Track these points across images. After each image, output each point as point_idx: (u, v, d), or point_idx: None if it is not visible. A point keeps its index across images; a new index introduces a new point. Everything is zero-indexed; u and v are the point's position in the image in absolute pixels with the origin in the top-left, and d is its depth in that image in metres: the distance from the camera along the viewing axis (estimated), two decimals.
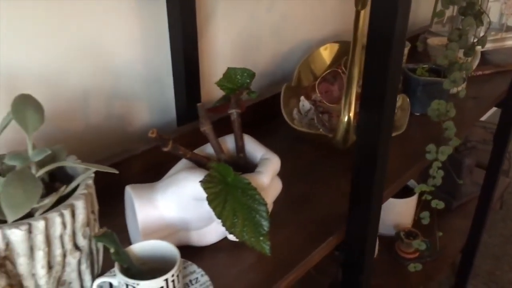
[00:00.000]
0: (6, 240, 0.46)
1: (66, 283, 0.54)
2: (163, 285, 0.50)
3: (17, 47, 0.67)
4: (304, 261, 0.65)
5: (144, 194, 0.60)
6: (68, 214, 0.50)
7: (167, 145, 0.58)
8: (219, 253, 0.65)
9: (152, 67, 0.87)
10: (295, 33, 1.18)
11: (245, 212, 0.56)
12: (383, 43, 0.55)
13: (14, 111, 0.47)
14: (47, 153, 0.47)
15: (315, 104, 0.95)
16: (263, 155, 0.65)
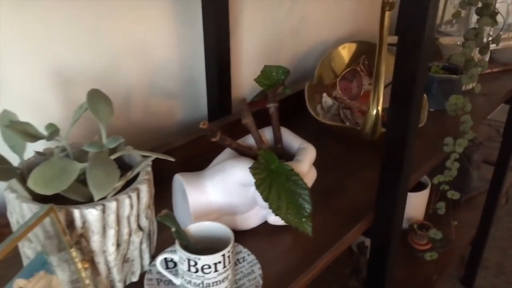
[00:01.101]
0: (83, 219, 0.52)
1: (130, 260, 0.59)
2: (220, 260, 0.55)
3: (70, 48, 0.72)
4: (338, 244, 0.71)
5: (193, 181, 0.65)
6: (135, 197, 0.55)
7: (216, 136, 0.64)
8: (259, 236, 0.70)
9: (187, 67, 0.92)
10: (313, 34, 1.24)
11: (288, 196, 0.61)
12: (414, 42, 0.61)
13: (90, 103, 0.53)
14: (120, 141, 0.53)
15: (337, 101, 1.00)
16: (300, 145, 0.70)
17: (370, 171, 0.87)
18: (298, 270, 0.64)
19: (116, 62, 0.79)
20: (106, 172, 0.49)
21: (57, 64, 0.71)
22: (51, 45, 0.70)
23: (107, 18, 0.75)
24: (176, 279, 0.58)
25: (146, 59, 0.84)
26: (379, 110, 0.78)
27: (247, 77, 1.07)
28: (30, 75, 0.68)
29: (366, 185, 0.83)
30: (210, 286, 0.56)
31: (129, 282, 0.60)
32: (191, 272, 0.55)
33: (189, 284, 0.56)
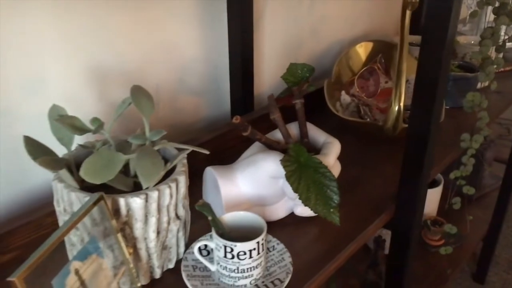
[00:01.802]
0: (128, 207, 0.55)
1: (167, 247, 0.62)
2: (255, 247, 0.58)
3: (106, 48, 0.75)
4: (361, 235, 0.73)
5: (225, 173, 0.69)
6: (174, 187, 0.58)
7: (247, 130, 0.67)
8: (286, 227, 0.73)
9: (211, 65, 0.95)
10: (330, 33, 1.27)
11: (317, 188, 0.64)
12: (438, 41, 0.63)
13: (133, 99, 0.56)
14: (162, 133, 0.56)
15: (355, 98, 1.03)
16: (325, 139, 0.73)
17: (390, 165, 0.90)
18: (325, 258, 0.67)
19: (147, 61, 0.83)
20: (153, 163, 0.52)
21: (93, 63, 0.75)
22: (89, 45, 0.73)
23: (139, 20, 0.79)
24: (212, 266, 0.62)
25: (174, 58, 0.88)
26: (401, 107, 0.81)
27: (268, 74, 1.10)
28: (69, 73, 0.72)
29: (386, 179, 0.86)
30: (245, 271, 0.59)
31: (165, 268, 0.64)
32: (227, 258, 0.58)
33: (224, 270, 0.60)
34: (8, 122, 0.67)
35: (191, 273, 0.62)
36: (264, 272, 0.62)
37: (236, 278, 0.59)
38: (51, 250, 0.44)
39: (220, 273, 0.60)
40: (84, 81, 0.74)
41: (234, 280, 0.60)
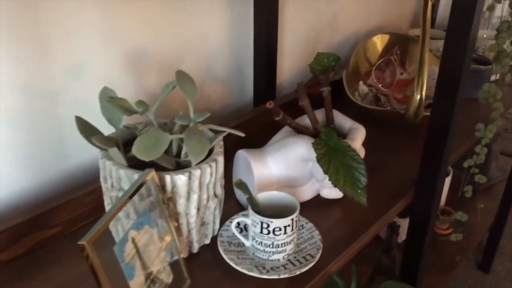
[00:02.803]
0: (173, 184, 0.59)
1: (205, 224, 0.66)
2: (289, 223, 0.62)
3: (143, 37, 0.79)
4: (383, 217, 0.77)
5: (257, 156, 0.72)
6: (214, 166, 0.62)
7: (279, 115, 0.70)
8: (312, 208, 0.77)
9: (235, 55, 0.99)
10: (347, 25, 1.30)
11: (346, 170, 0.68)
12: (463, 32, 0.67)
13: (178, 82, 0.60)
14: (206, 115, 0.59)
15: (373, 88, 1.07)
16: (351, 125, 0.77)
17: (408, 152, 0.94)
18: (351, 238, 0.71)
19: (178, 50, 0.86)
20: (199, 141, 0.56)
21: (130, 50, 0.78)
22: (126, 34, 0.76)
23: (171, 11, 0.82)
24: (246, 241, 0.65)
25: (203, 47, 0.91)
26: (423, 95, 0.84)
27: (287, 64, 1.14)
28: (108, 59, 0.75)
29: (405, 165, 0.90)
30: (279, 246, 0.63)
31: (202, 244, 0.68)
32: (263, 234, 0.62)
33: (259, 245, 0.63)
34: (52, 105, 0.71)
35: (227, 248, 0.66)
36: (295, 248, 0.66)
37: (271, 252, 0.63)
38: (113, 219, 0.47)
39: (255, 248, 0.64)
40: (121, 67, 0.78)
41: (268, 254, 0.64)
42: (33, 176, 0.72)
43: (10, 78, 0.65)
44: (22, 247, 0.64)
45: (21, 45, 0.64)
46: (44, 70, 0.68)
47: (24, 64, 0.65)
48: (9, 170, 0.69)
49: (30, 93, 0.68)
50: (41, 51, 0.67)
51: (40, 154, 0.72)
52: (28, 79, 0.67)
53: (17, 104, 0.67)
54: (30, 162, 0.71)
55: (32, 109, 0.69)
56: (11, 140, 0.68)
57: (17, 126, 0.68)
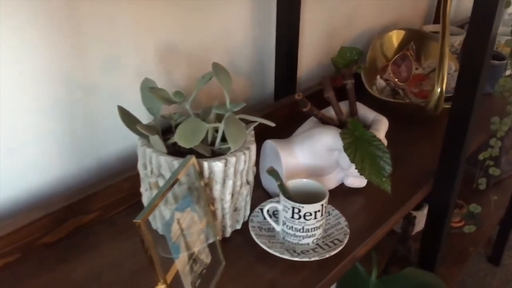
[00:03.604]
0: (210, 170, 0.62)
1: (237, 209, 0.69)
2: (319, 208, 0.65)
3: (173, 31, 0.82)
4: (405, 205, 0.80)
5: (285, 146, 0.75)
6: (248, 154, 0.65)
7: (306, 106, 0.73)
8: (336, 196, 0.80)
9: (258, 50, 1.02)
10: (362, 21, 1.33)
11: (371, 159, 0.71)
12: (485, 27, 0.69)
13: (216, 74, 0.63)
14: (242, 105, 0.62)
15: (391, 82, 1.09)
16: (374, 117, 0.80)
17: (427, 144, 0.97)
18: (375, 224, 0.74)
19: (204, 44, 0.89)
20: (238, 129, 0.59)
21: (162, 45, 0.81)
22: (158, 28, 0.79)
23: (200, 8, 0.85)
24: (277, 226, 0.68)
25: (227, 42, 0.94)
26: (443, 88, 0.87)
27: (305, 60, 1.16)
28: (141, 52, 0.78)
29: (424, 156, 0.93)
30: (309, 231, 0.66)
31: (233, 229, 0.71)
32: (294, 218, 0.65)
33: (290, 229, 0.66)
34: (87, 96, 0.74)
35: (258, 233, 0.69)
36: (323, 234, 0.69)
37: (301, 237, 0.66)
38: (162, 201, 0.50)
39: (285, 232, 0.67)
40: (153, 60, 0.81)
41: (298, 239, 0.67)
42: (70, 164, 0.75)
43: (53, 70, 0.68)
44: (64, 231, 0.68)
45: (62, 40, 0.67)
46: (83, 63, 0.71)
47: (65, 57, 0.69)
48: (49, 158, 0.72)
49: (71, 84, 0.71)
50: (80, 45, 0.70)
51: (77, 143, 0.75)
52: (68, 71, 0.70)
53: (59, 95, 0.70)
54: (68, 150, 0.74)
55: (72, 99, 0.72)
56: (53, 129, 0.71)
57: (59, 115, 0.71)
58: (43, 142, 0.71)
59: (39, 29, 0.64)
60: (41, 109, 0.69)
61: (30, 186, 0.71)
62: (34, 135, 0.69)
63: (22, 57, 0.64)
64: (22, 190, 0.71)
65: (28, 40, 0.64)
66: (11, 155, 0.68)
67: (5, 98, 0.64)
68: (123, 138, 0.81)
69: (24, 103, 0.67)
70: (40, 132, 0.70)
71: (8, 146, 0.67)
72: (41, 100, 0.69)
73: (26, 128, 0.68)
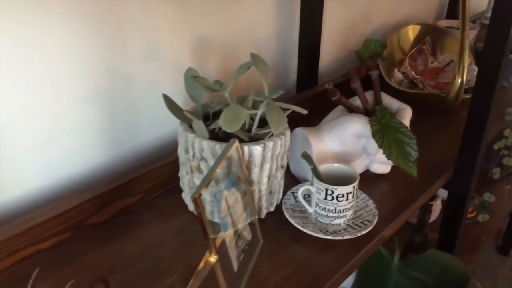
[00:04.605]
0: (249, 153, 0.66)
1: (272, 192, 0.73)
2: (351, 190, 0.69)
3: (206, 25, 0.86)
4: (428, 190, 0.84)
5: (314, 133, 0.79)
6: (283, 139, 0.69)
7: (336, 95, 0.77)
8: (362, 182, 0.83)
9: (281, 43, 1.06)
10: (378, 17, 1.36)
11: (398, 145, 0.75)
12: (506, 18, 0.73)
13: (254, 63, 0.67)
14: (280, 92, 0.66)
15: (409, 74, 1.13)
16: (399, 106, 0.84)
17: (446, 133, 1.01)
18: (401, 207, 0.78)
19: (234, 38, 0.93)
20: (278, 115, 0.63)
21: (195, 39, 0.85)
22: (192, 21, 0.83)
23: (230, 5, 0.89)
24: (309, 208, 0.72)
25: (254, 36, 0.98)
26: (464, 79, 0.90)
27: (324, 53, 1.20)
28: (177, 44, 0.82)
29: (444, 145, 0.97)
30: (341, 212, 0.70)
31: (267, 211, 0.75)
32: (327, 200, 0.69)
33: (323, 210, 0.70)
34: (126, 86, 0.78)
35: (292, 214, 0.73)
36: (353, 215, 0.73)
37: (333, 217, 0.70)
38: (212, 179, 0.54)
39: (317, 213, 0.71)
40: (187, 53, 0.85)
41: (330, 219, 0.71)
42: (110, 150, 0.79)
43: (96, 63, 0.72)
44: (109, 212, 0.72)
45: (106, 33, 0.71)
46: (124, 55, 0.75)
47: (108, 49, 0.73)
48: (92, 145, 0.76)
49: (112, 75, 0.75)
50: (122, 37, 0.74)
51: (117, 132, 0.79)
52: (111, 62, 0.74)
53: (102, 85, 0.74)
54: (109, 137, 0.78)
55: (113, 89, 0.76)
56: (96, 118, 0.75)
57: (101, 105, 0.75)
58: (86, 130, 0.75)
59: (85, 22, 0.68)
60: (85, 98, 0.73)
61: (75, 171, 0.76)
62: (79, 123, 0.73)
63: (69, 50, 0.68)
64: (68, 174, 0.75)
65: (75, 33, 0.68)
66: (58, 141, 0.72)
67: (52, 88, 0.68)
68: (158, 128, 0.85)
69: (70, 92, 0.71)
70: (84, 120, 0.74)
71: (55, 133, 0.71)
72: (86, 90, 0.73)
73: (72, 116, 0.72)
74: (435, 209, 1.40)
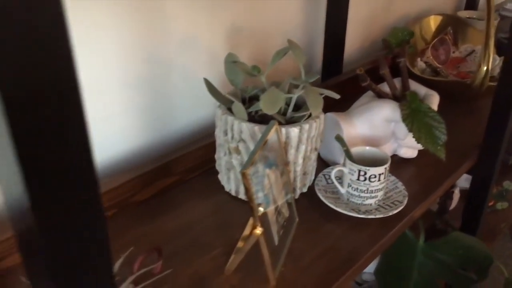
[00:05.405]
0: (287, 135, 0.69)
1: (306, 173, 0.76)
2: (383, 171, 0.72)
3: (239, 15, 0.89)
4: (455, 173, 0.87)
5: (345, 118, 0.82)
6: (318, 122, 0.72)
7: (366, 81, 0.80)
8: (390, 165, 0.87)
9: (307, 32, 1.08)
10: (399, 8, 1.38)
11: (427, 129, 0.78)
12: None
13: (292, 49, 0.69)
14: (317, 76, 0.69)
15: (432, 63, 1.15)
16: (426, 92, 0.86)
17: (470, 120, 1.03)
18: (429, 189, 0.81)
19: (264, 27, 0.96)
20: (316, 97, 0.66)
21: (229, 27, 0.88)
22: (227, 11, 0.86)
23: None
24: (342, 188, 0.76)
25: (283, 24, 1.01)
26: (489, 67, 0.93)
27: (347, 42, 1.23)
28: (213, 34, 0.85)
29: (468, 131, 0.99)
30: (373, 192, 0.73)
31: (300, 192, 0.78)
32: (360, 180, 0.72)
33: (355, 191, 0.73)
34: (166, 72, 0.81)
35: (324, 195, 0.76)
36: (383, 196, 0.76)
37: (365, 197, 0.73)
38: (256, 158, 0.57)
39: (350, 194, 0.74)
40: (221, 41, 0.88)
41: (362, 199, 0.74)
42: (150, 133, 0.83)
43: (138, 50, 0.75)
44: (151, 191, 0.76)
45: (148, 20, 0.75)
46: (164, 42, 0.78)
47: (149, 36, 0.76)
48: (133, 128, 0.80)
49: (152, 62, 0.78)
50: (161, 27, 0.77)
51: (156, 116, 0.82)
52: (151, 50, 0.77)
53: (143, 72, 0.77)
54: (149, 121, 0.82)
55: (153, 75, 0.79)
56: (137, 103, 0.78)
57: (142, 90, 0.78)
58: (129, 114, 0.78)
59: (129, 10, 0.72)
60: (128, 84, 0.76)
61: (118, 152, 0.79)
62: (122, 107, 0.77)
63: (113, 37, 0.71)
64: (112, 154, 0.78)
65: (119, 21, 0.71)
66: (103, 125, 0.75)
67: (97, 74, 0.72)
68: (193, 113, 0.88)
69: (113, 78, 0.74)
70: (127, 104, 0.77)
71: (100, 116, 0.74)
72: (128, 76, 0.76)
73: (115, 100, 0.76)
74: (454, 197, 1.42)
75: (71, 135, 0.22)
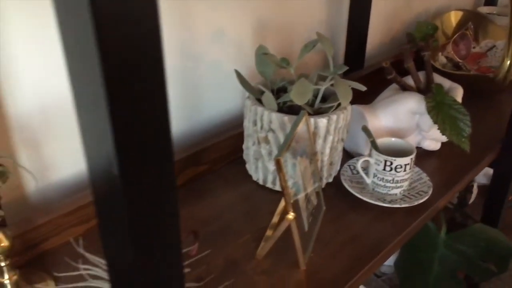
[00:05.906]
0: (315, 125, 0.71)
1: (332, 163, 0.78)
2: (409, 162, 0.73)
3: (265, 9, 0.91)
4: (478, 166, 0.88)
5: (369, 110, 0.84)
6: (345, 113, 0.74)
7: (392, 73, 0.81)
8: None
9: (330, 27, 1.10)
10: (418, 4, 1.39)
11: (452, 121, 0.79)
12: None
13: (321, 41, 0.71)
14: (345, 68, 0.71)
15: (453, 58, 1.16)
16: (450, 85, 0.87)
17: (492, 115, 1.04)
18: (453, 181, 0.82)
19: (290, 20, 0.98)
20: (346, 88, 0.68)
21: (256, 21, 0.90)
22: (254, 6, 0.88)
23: None
24: (367, 178, 0.77)
25: (307, 18, 1.02)
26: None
27: (369, 38, 1.24)
28: (240, 28, 0.87)
29: (490, 125, 1.00)
30: (399, 182, 0.74)
31: (327, 181, 0.80)
32: (386, 171, 0.74)
33: (381, 181, 0.75)
34: (194, 65, 0.84)
35: (350, 185, 0.77)
36: (408, 187, 0.78)
37: (390, 187, 0.75)
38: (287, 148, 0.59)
39: (375, 184, 0.76)
40: (248, 34, 0.90)
41: (388, 189, 0.75)
42: (181, 123, 0.85)
43: (172, 41, 0.78)
44: (181, 179, 0.78)
45: (181, 14, 0.77)
46: (194, 37, 0.81)
47: (181, 30, 0.78)
48: None
49: (184, 54, 0.80)
50: (191, 21, 0.79)
51: (185, 106, 0.85)
52: (183, 42, 0.79)
53: (175, 64, 0.80)
54: (180, 112, 0.84)
55: (184, 67, 0.82)
56: (169, 94, 0.81)
57: (175, 81, 0.81)
58: None
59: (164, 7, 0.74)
60: None
61: None
62: None
63: None
64: None
65: None
66: None
67: None
68: (219, 104, 0.91)
69: None
70: None
71: None
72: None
73: None
74: (473, 192, 1.43)
75: (156, 110, 0.24)
